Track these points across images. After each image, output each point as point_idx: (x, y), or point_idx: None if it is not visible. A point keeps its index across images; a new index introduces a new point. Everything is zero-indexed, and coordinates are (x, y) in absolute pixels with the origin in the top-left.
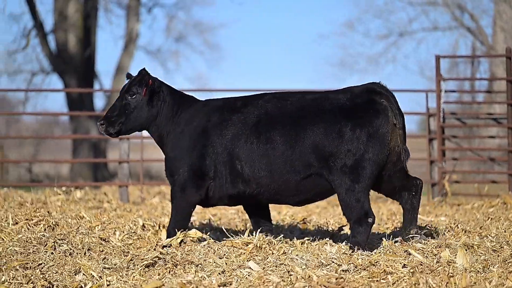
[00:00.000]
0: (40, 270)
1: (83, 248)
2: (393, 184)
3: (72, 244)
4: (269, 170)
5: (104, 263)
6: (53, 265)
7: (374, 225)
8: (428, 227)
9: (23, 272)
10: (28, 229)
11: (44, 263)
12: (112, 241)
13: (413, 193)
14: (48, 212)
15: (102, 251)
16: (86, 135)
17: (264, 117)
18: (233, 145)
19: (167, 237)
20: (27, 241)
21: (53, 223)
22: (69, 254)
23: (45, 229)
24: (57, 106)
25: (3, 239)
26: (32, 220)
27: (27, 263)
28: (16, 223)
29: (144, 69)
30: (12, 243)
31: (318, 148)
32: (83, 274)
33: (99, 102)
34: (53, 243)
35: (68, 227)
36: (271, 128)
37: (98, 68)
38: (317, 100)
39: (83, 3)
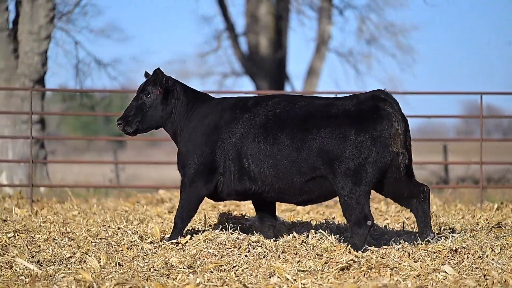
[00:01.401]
0: (234, 273)
1: (277, 251)
2: (400, 188)
3: (266, 246)
4: (275, 169)
5: (298, 266)
6: (248, 268)
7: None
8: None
9: (217, 274)
10: (222, 231)
11: (238, 266)
12: (306, 244)
13: (422, 199)
14: (242, 214)
15: (296, 253)
16: None
17: (273, 118)
18: (242, 143)
19: (174, 227)
20: (221, 244)
21: (247, 225)
22: (263, 257)
23: (238, 232)
24: None
25: (198, 241)
26: (227, 222)
27: (222, 265)
28: (210, 226)
29: (158, 68)
30: (206, 245)
31: (323, 151)
32: (278, 277)
33: None
34: (247, 246)
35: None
36: (278, 130)
37: (289, 70)
38: (325, 105)
39: (275, 5)
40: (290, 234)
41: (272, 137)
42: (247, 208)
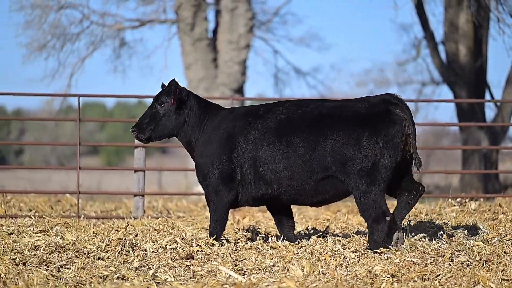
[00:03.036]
0: (438, 282)
1: (480, 260)
2: (401, 184)
3: (469, 255)
4: (289, 171)
5: (502, 275)
6: (451, 277)
7: None
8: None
9: (421, 283)
10: (424, 240)
11: (442, 275)
12: (509, 253)
13: (412, 196)
14: (444, 223)
15: (500, 262)
16: (476, 146)
17: (286, 122)
18: (256, 148)
19: (210, 236)
20: (424, 252)
21: (450, 234)
22: (467, 266)
23: (441, 240)
24: (447, 116)
25: (401, 250)
26: (428, 231)
27: (425, 274)
28: (412, 234)
29: (173, 79)
30: (410, 254)
31: (336, 152)
32: (482, 286)
33: (491, 113)
34: (450, 254)
35: (464, 238)
36: (291, 132)
37: (489, 79)
38: (336, 108)
39: (474, 13)
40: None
41: (286, 139)
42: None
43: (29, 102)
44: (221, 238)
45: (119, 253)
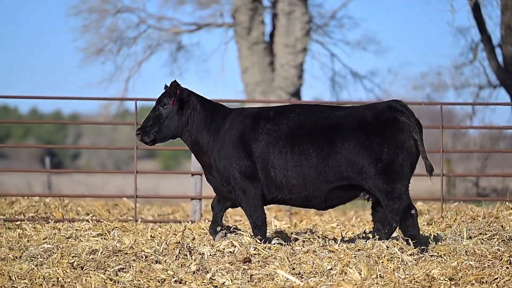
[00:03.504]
0: (496, 285)
1: None
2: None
3: None
4: (302, 179)
5: None
6: (509, 280)
7: None
8: None
9: (479, 286)
10: (481, 243)
11: (500, 278)
12: None
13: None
14: (502, 226)
15: None
16: None
17: (298, 129)
18: (269, 152)
19: (256, 235)
20: (482, 256)
21: (507, 237)
22: None
23: (499, 243)
24: (504, 119)
25: (459, 253)
26: (486, 234)
27: (483, 277)
28: (470, 238)
29: (174, 80)
30: (467, 258)
31: (350, 162)
32: None
33: None
34: (508, 258)
35: None
36: (304, 141)
37: None
38: (346, 116)
39: None
40: None
41: (299, 148)
42: None
43: (86, 106)
44: (274, 239)
45: (176, 256)
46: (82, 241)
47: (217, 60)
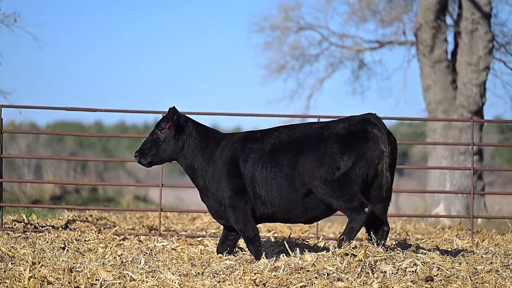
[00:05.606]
0: None
1: None
2: (375, 206)
3: None
4: (278, 190)
5: None
6: None
7: None
8: None
9: None
10: None
11: None
12: None
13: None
14: None
15: None
16: None
17: (277, 145)
18: (254, 169)
19: (252, 253)
20: None
21: None
22: None
23: None
24: None
25: None
26: None
27: None
28: None
29: (173, 107)
30: None
31: (310, 169)
32: None
33: None
34: None
35: None
36: (280, 154)
37: None
38: (319, 128)
39: None
40: None
41: (275, 160)
42: None
43: (268, 123)
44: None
45: (358, 274)
46: (264, 257)
47: (399, 78)
